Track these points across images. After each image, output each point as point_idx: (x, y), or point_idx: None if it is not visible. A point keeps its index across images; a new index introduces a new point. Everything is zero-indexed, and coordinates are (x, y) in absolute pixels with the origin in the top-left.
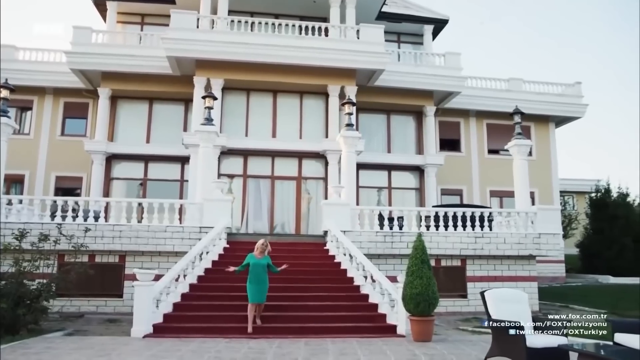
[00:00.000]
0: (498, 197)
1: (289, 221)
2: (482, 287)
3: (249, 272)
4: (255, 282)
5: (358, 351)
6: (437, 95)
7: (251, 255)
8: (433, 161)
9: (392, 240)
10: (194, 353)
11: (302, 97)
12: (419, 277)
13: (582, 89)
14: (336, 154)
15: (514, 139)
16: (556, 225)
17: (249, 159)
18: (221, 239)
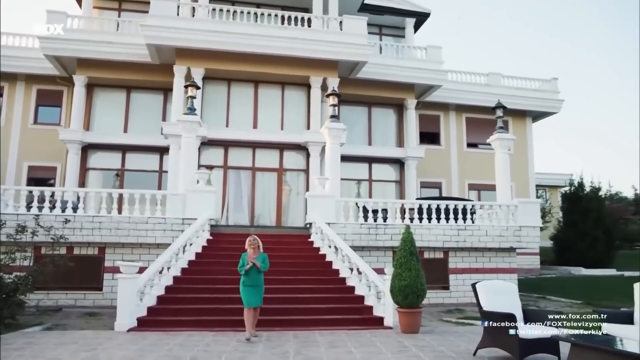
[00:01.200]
0: (476, 190)
1: (270, 213)
2: (464, 279)
3: (244, 273)
4: (250, 285)
5: (348, 343)
6: (418, 89)
7: (245, 254)
8: (413, 154)
9: (377, 232)
10: (181, 347)
11: (284, 88)
12: (408, 269)
13: (558, 84)
14: (318, 146)
15: (496, 132)
16: (536, 218)
17: (230, 150)
18: (204, 230)
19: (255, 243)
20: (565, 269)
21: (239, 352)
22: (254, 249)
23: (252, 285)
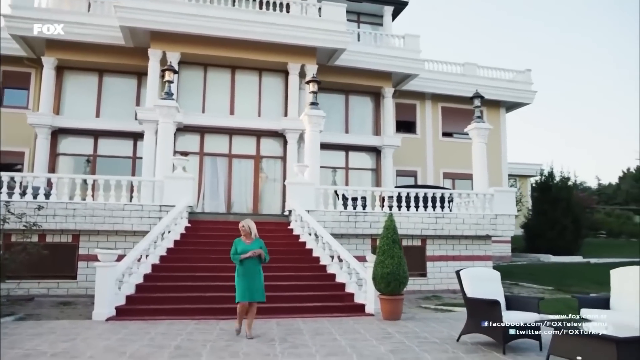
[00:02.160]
0: (451, 179)
1: (246, 200)
2: (440, 267)
3: (240, 262)
4: (245, 275)
5: (332, 330)
6: (396, 77)
7: (239, 240)
8: (390, 142)
9: (356, 220)
10: (164, 335)
11: (261, 75)
12: (390, 257)
13: (531, 76)
14: (295, 133)
15: (473, 122)
16: (511, 206)
17: (206, 137)
18: (183, 217)
19: (246, 229)
20: (535, 256)
21: (224, 340)
22: (246, 236)
23: (248, 275)
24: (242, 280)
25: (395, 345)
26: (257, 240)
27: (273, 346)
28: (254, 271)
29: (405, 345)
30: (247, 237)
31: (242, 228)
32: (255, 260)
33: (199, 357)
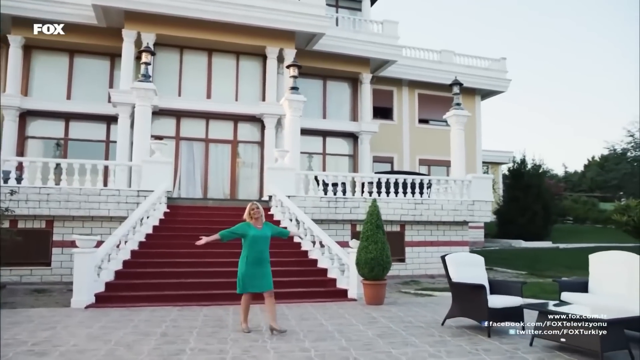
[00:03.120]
0: (427, 165)
1: (223, 186)
2: (419, 252)
3: (247, 247)
4: (255, 263)
5: (317, 316)
6: (374, 63)
7: (248, 224)
8: (368, 128)
9: (336, 206)
10: (148, 322)
11: (239, 58)
12: (374, 242)
13: (506, 64)
14: (273, 118)
15: (452, 109)
16: (488, 192)
17: (182, 121)
18: (161, 203)
19: (261, 212)
20: (507, 242)
21: (210, 327)
22: (257, 219)
23: (258, 262)
24: (251, 269)
25: (381, 330)
26: (266, 224)
27: (260, 332)
28: (265, 258)
29: (391, 330)
30: (258, 221)
31: (257, 210)
32: (267, 245)
33: (187, 343)
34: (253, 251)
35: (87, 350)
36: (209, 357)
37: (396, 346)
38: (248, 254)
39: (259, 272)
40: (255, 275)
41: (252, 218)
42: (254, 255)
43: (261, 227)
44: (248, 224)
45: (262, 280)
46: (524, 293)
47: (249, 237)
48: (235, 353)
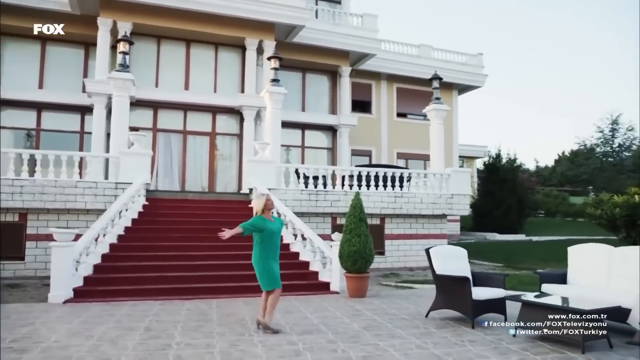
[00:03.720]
0: (404, 159)
1: (201, 178)
2: (398, 245)
3: (266, 242)
4: (275, 258)
5: (301, 309)
6: (353, 56)
7: (263, 218)
8: (347, 122)
9: (317, 199)
10: (130, 317)
11: (218, 49)
12: (357, 235)
13: (483, 60)
14: (253, 110)
15: (432, 103)
16: (466, 186)
17: (159, 112)
18: (140, 195)
19: (272, 204)
20: (482, 235)
21: (194, 321)
22: (269, 211)
23: (275, 256)
24: (273, 264)
25: (367, 322)
26: (277, 218)
27: (245, 325)
28: (277, 252)
29: (377, 322)
30: (268, 213)
31: (269, 202)
32: (279, 237)
33: (172, 338)
34: (273, 246)
35: (69, 347)
36: (196, 351)
37: (383, 338)
38: (269, 248)
39: (277, 266)
40: (277, 271)
41: (264, 211)
42: (274, 249)
43: (273, 221)
44: (263, 218)
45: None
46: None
47: (267, 231)
48: (223, 347)
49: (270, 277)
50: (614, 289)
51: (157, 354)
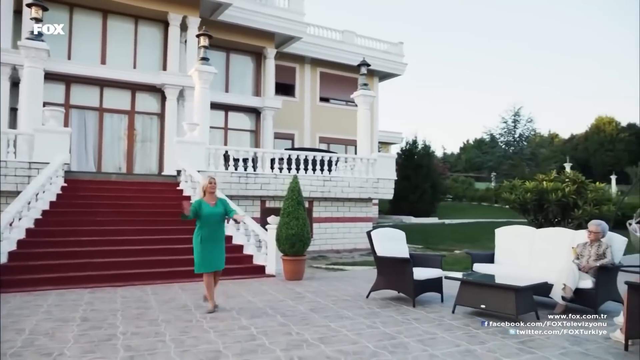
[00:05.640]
0: (326, 143)
1: (119, 159)
2: (326, 228)
3: (201, 226)
4: (211, 241)
5: (242, 292)
6: (278, 38)
7: (200, 202)
8: (271, 104)
9: (247, 181)
10: (60, 307)
11: (138, 23)
12: (296, 218)
13: (403, 49)
14: (175, 89)
15: (360, 89)
16: (392, 171)
17: (72, 87)
18: (58, 176)
19: (214, 186)
20: (398, 218)
21: (133, 308)
22: (211, 194)
23: (213, 240)
24: (205, 247)
25: (312, 305)
26: (220, 200)
27: (190, 311)
28: (219, 236)
29: (321, 304)
30: (212, 196)
31: (212, 185)
32: (220, 221)
33: (115, 327)
34: (206, 230)
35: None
36: (145, 340)
37: (332, 319)
38: (202, 232)
39: (215, 250)
40: (212, 253)
41: (205, 194)
42: (207, 234)
43: (215, 204)
44: (200, 201)
45: (218, 257)
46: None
47: (202, 216)
48: (173, 334)
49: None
50: (536, 266)
51: (103, 345)
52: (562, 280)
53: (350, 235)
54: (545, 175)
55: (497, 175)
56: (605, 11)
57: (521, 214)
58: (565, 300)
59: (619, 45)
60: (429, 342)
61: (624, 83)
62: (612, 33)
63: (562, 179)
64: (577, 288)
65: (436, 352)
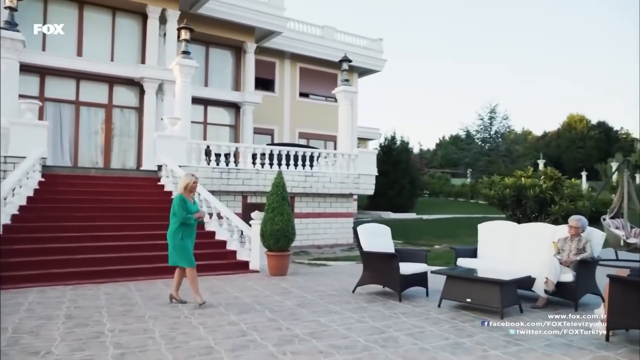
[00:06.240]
0: (306, 139)
1: (96, 154)
2: (307, 224)
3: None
4: (190, 237)
5: (227, 288)
6: (259, 33)
7: (185, 199)
8: (251, 99)
9: (229, 177)
10: (42, 305)
11: (115, 14)
12: (280, 214)
13: (383, 45)
14: (154, 83)
15: (341, 84)
16: (373, 166)
17: (48, 79)
18: (35, 171)
19: (195, 187)
20: (377, 213)
21: (118, 305)
22: (192, 192)
23: (191, 236)
24: (188, 243)
25: (299, 300)
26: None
27: (177, 308)
28: (194, 232)
29: (308, 300)
30: (192, 194)
31: (195, 184)
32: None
33: (101, 325)
34: (188, 227)
35: None
36: (134, 337)
37: (321, 314)
38: (186, 229)
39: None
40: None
41: (187, 191)
42: (190, 230)
43: (193, 202)
44: (184, 199)
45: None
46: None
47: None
48: (162, 331)
49: (185, 255)
50: (518, 261)
51: (92, 342)
52: (544, 274)
53: (331, 231)
54: (523, 172)
55: (473, 172)
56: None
57: (500, 209)
58: (548, 293)
59: (590, 46)
60: (418, 335)
61: (595, 82)
62: (583, 34)
63: (540, 175)
64: (558, 281)
65: (426, 345)
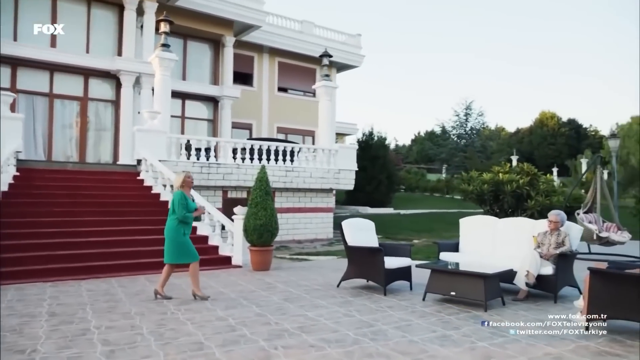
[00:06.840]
0: (284, 134)
1: (71, 147)
2: (287, 218)
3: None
4: (188, 233)
5: (212, 284)
6: (237, 26)
7: (185, 195)
8: (229, 93)
9: (209, 171)
10: (23, 303)
11: (91, 5)
12: (264, 209)
13: (361, 41)
14: (131, 76)
15: (321, 79)
16: (352, 161)
17: (20, 71)
18: (10, 165)
19: (192, 182)
20: (355, 208)
21: (103, 302)
22: (189, 188)
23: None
24: (188, 239)
25: (285, 295)
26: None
27: (162, 304)
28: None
29: (294, 294)
30: (188, 190)
31: (190, 180)
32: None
33: (87, 322)
34: (188, 223)
35: None
36: (122, 334)
37: (308, 309)
38: (186, 226)
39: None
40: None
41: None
42: (189, 226)
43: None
44: (185, 196)
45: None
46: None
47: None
48: (150, 327)
49: (189, 250)
50: (500, 254)
51: (78, 340)
52: (525, 267)
53: (311, 226)
54: (501, 168)
55: (448, 167)
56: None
57: (478, 204)
58: (529, 286)
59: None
60: (406, 328)
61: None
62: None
63: (516, 171)
64: (538, 274)
65: (415, 337)
